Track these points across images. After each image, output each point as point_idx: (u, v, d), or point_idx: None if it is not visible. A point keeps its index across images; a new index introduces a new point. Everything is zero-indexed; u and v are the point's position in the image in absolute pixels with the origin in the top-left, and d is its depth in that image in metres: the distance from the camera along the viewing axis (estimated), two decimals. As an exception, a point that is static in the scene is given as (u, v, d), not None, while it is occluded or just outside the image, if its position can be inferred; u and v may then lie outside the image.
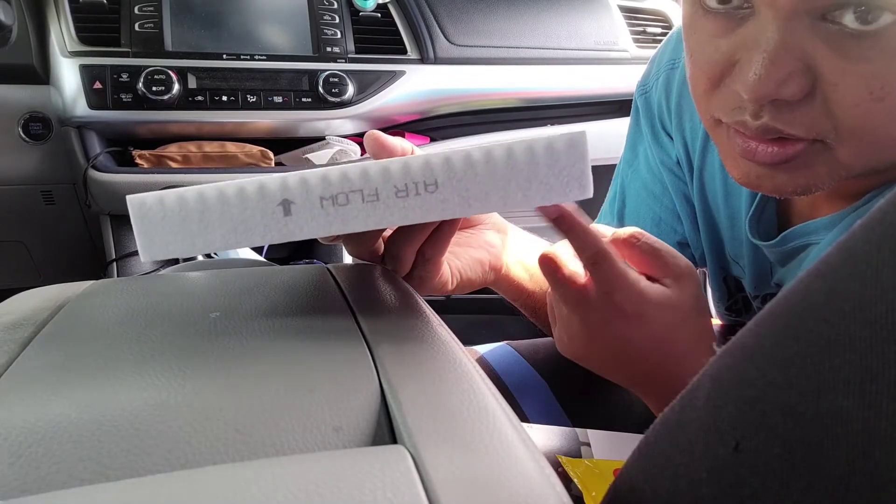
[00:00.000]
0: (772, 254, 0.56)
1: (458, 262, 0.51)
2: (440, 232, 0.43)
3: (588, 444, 0.55)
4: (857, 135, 0.38)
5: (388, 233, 0.45)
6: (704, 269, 0.71)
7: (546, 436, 0.56)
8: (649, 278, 0.48)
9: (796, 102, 0.38)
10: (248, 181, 0.31)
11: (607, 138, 1.01)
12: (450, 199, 0.32)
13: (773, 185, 0.42)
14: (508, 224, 0.58)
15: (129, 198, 0.32)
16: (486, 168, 0.32)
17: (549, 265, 0.47)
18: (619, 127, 1.22)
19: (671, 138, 0.64)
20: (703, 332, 0.49)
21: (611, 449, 0.55)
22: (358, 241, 0.43)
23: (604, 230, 0.49)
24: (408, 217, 0.32)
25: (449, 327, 0.35)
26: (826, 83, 0.37)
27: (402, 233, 0.43)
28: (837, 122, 0.38)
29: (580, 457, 0.54)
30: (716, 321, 0.93)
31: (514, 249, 0.58)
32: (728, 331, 0.81)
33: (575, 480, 0.48)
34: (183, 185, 0.89)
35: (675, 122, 0.62)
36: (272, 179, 0.31)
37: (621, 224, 0.71)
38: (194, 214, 0.31)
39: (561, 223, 0.43)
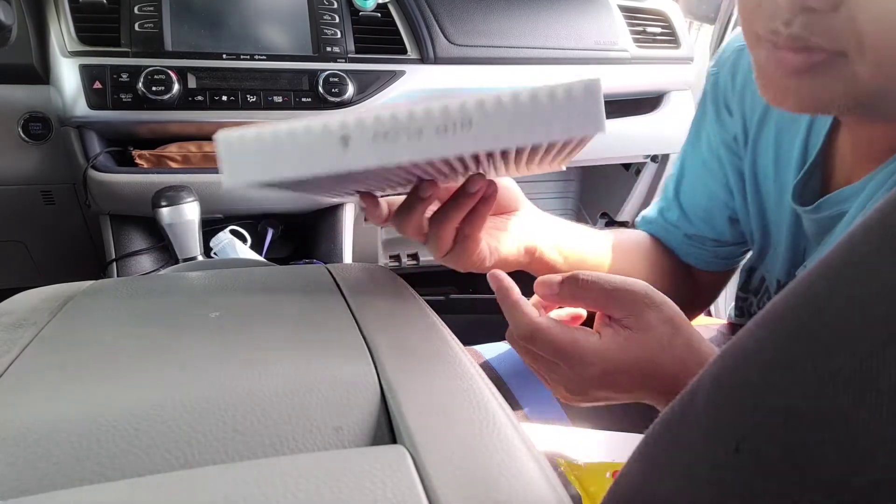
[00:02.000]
0: (810, 224, 0.58)
1: (494, 242, 0.55)
2: (476, 211, 0.48)
3: (586, 444, 0.55)
4: (878, 49, 0.40)
5: (429, 213, 0.50)
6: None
7: (545, 436, 0.56)
8: (613, 319, 0.49)
9: (824, 13, 0.41)
10: (313, 121, 0.36)
11: (607, 138, 1.01)
12: (482, 135, 0.36)
13: (795, 100, 0.45)
14: (543, 212, 0.62)
15: (216, 136, 0.36)
16: (514, 108, 0.36)
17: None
18: (618, 127, 1.22)
19: (731, 115, 0.68)
20: (686, 349, 0.49)
21: (610, 449, 0.55)
22: (405, 219, 0.48)
23: (553, 279, 0.51)
24: (446, 150, 0.36)
25: (449, 327, 0.35)
26: None
27: (442, 212, 0.48)
28: (861, 36, 0.40)
29: (578, 457, 0.54)
30: (716, 321, 0.93)
31: (548, 234, 0.61)
32: (731, 330, 0.81)
33: (572, 481, 0.48)
34: (183, 185, 0.88)
35: (737, 98, 0.66)
36: (333, 119, 0.36)
37: (677, 200, 0.75)
38: (268, 146, 0.36)
39: (498, 298, 0.49)
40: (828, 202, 0.54)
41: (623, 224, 1.42)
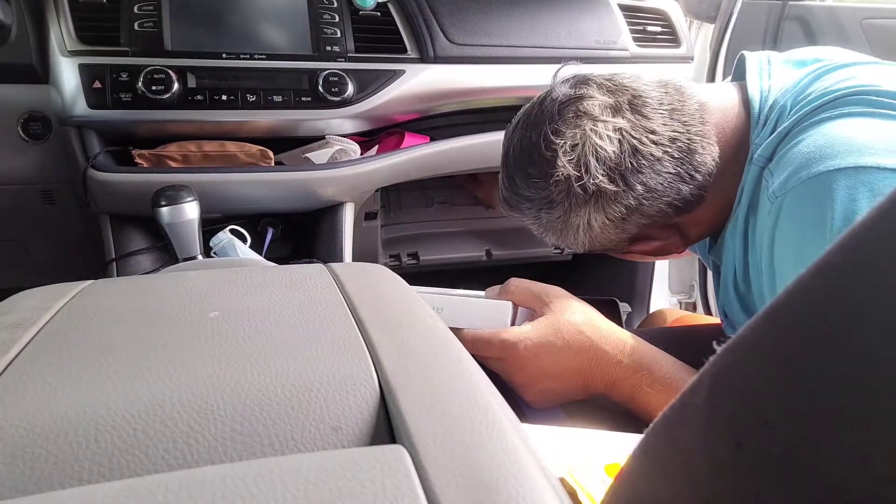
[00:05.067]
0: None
1: None
2: None
3: (586, 445, 0.55)
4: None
5: None
6: None
7: (545, 436, 0.56)
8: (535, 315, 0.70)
9: None
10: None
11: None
12: (446, 318, 0.68)
13: None
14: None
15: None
16: (460, 306, 0.72)
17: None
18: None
19: None
20: (588, 326, 0.66)
21: (609, 449, 0.55)
22: None
23: (496, 287, 0.76)
24: (447, 320, 0.67)
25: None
26: None
27: None
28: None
29: (575, 457, 0.53)
30: (714, 320, 0.92)
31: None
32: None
33: (569, 479, 0.48)
34: (183, 185, 0.88)
35: None
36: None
37: None
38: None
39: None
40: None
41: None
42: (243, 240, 0.86)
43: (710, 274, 1.54)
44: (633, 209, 0.66)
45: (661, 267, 1.53)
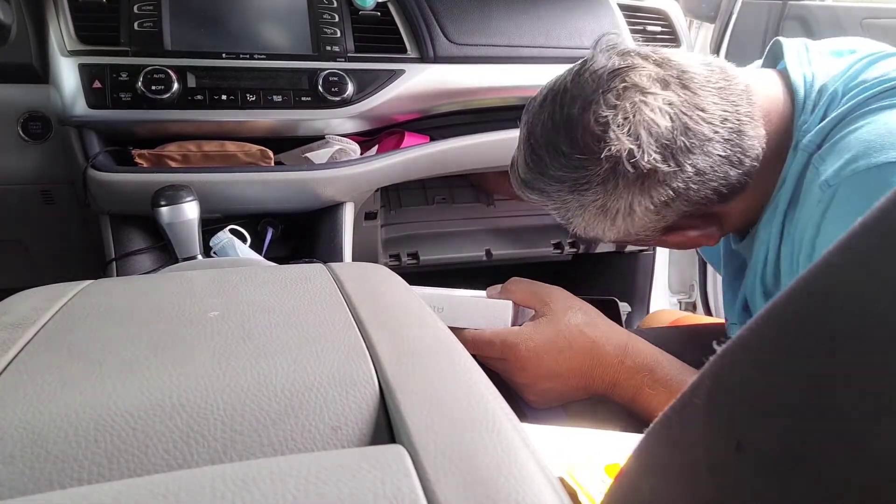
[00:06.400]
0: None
1: None
2: None
3: (586, 444, 0.55)
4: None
5: None
6: None
7: (545, 436, 0.56)
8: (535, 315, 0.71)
9: None
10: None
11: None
12: (447, 318, 0.70)
13: None
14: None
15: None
16: (461, 305, 0.73)
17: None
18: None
19: None
20: (593, 329, 0.67)
21: (610, 449, 0.55)
22: None
23: (498, 286, 0.77)
24: (448, 320, 0.70)
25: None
26: None
27: None
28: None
29: (576, 456, 0.53)
30: (716, 320, 0.92)
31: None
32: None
33: (569, 479, 0.48)
34: (183, 184, 0.88)
35: None
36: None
37: None
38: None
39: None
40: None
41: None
42: (243, 240, 0.86)
43: (710, 274, 1.54)
44: (680, 193, 0.60)
45: (661, 267, 1.53)
